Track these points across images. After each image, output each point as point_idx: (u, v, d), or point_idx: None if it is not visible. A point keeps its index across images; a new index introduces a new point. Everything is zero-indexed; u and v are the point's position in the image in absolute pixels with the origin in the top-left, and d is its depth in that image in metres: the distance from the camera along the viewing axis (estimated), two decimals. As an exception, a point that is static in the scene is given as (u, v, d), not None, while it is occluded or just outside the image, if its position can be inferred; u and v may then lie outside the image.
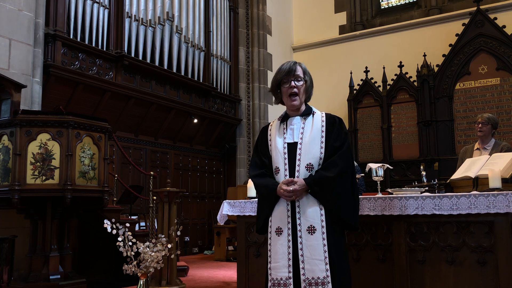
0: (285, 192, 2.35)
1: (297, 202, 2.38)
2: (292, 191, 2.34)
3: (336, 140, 2.44)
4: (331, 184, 2.35)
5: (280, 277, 2.35)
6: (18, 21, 5.37)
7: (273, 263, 2.39)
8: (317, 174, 2.38)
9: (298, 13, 11.70)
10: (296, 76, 2.48)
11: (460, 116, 8.96)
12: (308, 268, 2.30)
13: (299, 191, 2.35)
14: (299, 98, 2.49)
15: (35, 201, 4.45)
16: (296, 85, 2.47)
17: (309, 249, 2.31)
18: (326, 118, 2.51)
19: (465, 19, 9.16)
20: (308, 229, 2.33)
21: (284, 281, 2.33)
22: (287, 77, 2.48)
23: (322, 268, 2.28)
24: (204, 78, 8.96)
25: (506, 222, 2.69)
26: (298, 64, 2.52)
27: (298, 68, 2.50)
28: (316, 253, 2.30)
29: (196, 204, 9.47)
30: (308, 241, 2.32)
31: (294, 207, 2.39)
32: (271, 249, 2.43)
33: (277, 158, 2.49)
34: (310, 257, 2.30)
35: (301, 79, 2.49)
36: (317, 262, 2.29)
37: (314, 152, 2.41)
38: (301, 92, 2.49)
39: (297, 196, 2.36)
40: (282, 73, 2.50)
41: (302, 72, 2.51)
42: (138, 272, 3.96)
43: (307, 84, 2.52)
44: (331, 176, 2.34)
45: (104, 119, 4.91)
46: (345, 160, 2.40)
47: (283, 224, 2.40)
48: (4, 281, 4.05)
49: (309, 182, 2.35)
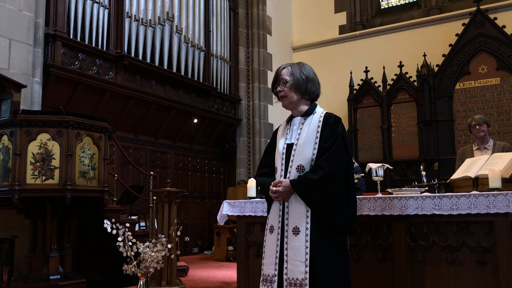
0: (271, 193, 2.41)
1: (286, 203, 2.41)
2: (275, 192, 2.39)
3: (327, 140, 2.40)
4: (315, 186, 2.32)
5: (268, 273, 2.42)
6: (18, 21, 5.37)
7: (264, 259, 2.47)
8: (302, 176, 2.37)
9: (298, 13, 11.70)
10: (281, 80, 2.52)
11: (460, 116, 8.96)
12: (290, 268, 2.33)
13: (283, 192, 2.38)
14: (288, 99, 2.51)
15: (35, 201, 4.44)
16: (281, 89, 2.51)
17: (292, 249, 2.34)
18: (323, 118, 2.48)
19: (465, 19, 9.16)
20: (293, 230, 2.36)
21: (271, 277, 2.40)
22: (276, 82, 2.55)
23: (302, 270, 2.29)
24: (204, 78, 8.96)
25: (506, 222, 2.69)
26: (285, 67, 2.54)
27: (284, 71, 2.52)
28: (298, 254, 2.32)
29: (196, 204, 9.47)
30: (292, 242, 2.35)
31: (284, 207, 2.42)
32: (265, 245, 2.50)
33: (276, 159, 2.53)
34: (292, 257, 2.33)
35: (285, 81, 2.50)
36: (298, 263, 2.31)
37: (306, 154, 2.41)
38: (288, 93, 2.49)
39: (283, 196, 2.39)
40: (274, 77, 2.58)
41: (288, 74, 2.51)
42: (138, 272, 3.96)
43: (292, 83, 2.48)
44: (315, 179, 2.31)
45: (104, 119, 4.90)
46: (332, 162, 2.33)
47: (275, 223, 2.45)
48: (4, 281, 4.04)
49: (293, 184, 2.36)
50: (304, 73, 2.51)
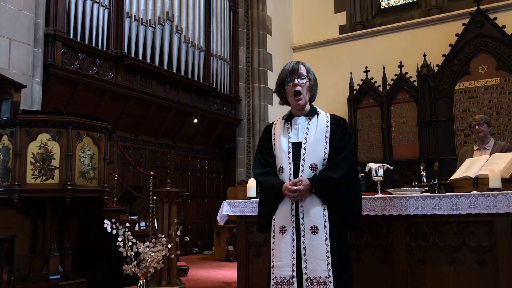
0: (290, 192, 2.37)
1: (301, 202, 2.39)
2: (296, 191, 2.36)
3: (340, 140, 2.45)
4: (335, 185, 2.36)
5: (283, 275, 2.37)
6: (18, 21, 5.37)
7: (276, 261, 2.41)
8: (321, 174, 2.39)
9: (298, 13, 11.70)
10: (299, 74, 2.49)
11: (460, 116, 8.96)
12: (311, 268, 2.31)
13: (303, 191, 2.36)
14: (304, 97, 2.50)
15: (35, 201, 4.44)
16: (300, 83, 2.48)
17: (312, 248, 2.32)
18: (331, 119, 2.53)
19: (465, 19, 9.16)
20: (311, 229, 2.35)
21: (288, 279, 2.35)
22: (291, 76, 2.50)
23: (324, 268, 2.29)
24: (204, 78, 8.96)
25: (506, 222, 2.69)
26: (301, 63, 2.54)
27: (301, 67, 2.52)
28: (318, 253, 2.31)
29: (196, 204, 9.46)
30: (311, 241, 2.33)
31: (298, 207, 2.40)
32: (274, 247, 2.43)
33: (281, 158, 2.49)
34: (313, 256, 2.32)
35: (304, 77, 2.50)
36: (319, 261, 2.30)
37: (318, 152, 2.42)
38: (305, 90, 2.50)
39: (302, 196, 2.37)
40: (285, 72, 2.52)
41: (306, 71, 2.51)
42: (138, 272, 3.96)
43: (310, 83, 2.52)
44: (335, 177, 2.36)
45: (104, 119, 4.90)
46: (349, 162, 2.41)
47: (287, 223, 2.41)
48: (4, 281, 4.04)
49: (313, 182, 2.36)
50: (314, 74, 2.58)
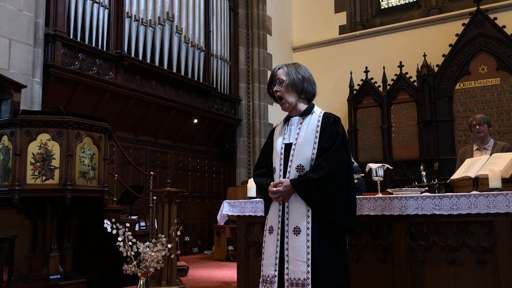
0: (270, 193, 2.40)
1: (286, 203, 2.40)
2: (275, 192, 2.38)
3: (327, 140, 2.39)
4: (316, 186, 2.31)
5: (268, 274, 2.41)
6: (18, 21, 5.37)
7: (264, 260, 2.46)
8: (303, 175, 2.36)
9: (298, 13, 11.70)
10: (277, 80, 2.50)
11: (460, 116, 8.96)
12: (291, 269, 2.32)
13: (283, 192, 2.37)
14: (286, 101, 2.49)
15: (35, 201, 4.44)
16: (278, 89, 2.49)
17: (293, 250, 2.33)
18: (322, 117, 2.47)
19: (465, 19, 9.16)
20: (294, 230, 2.35)
21: (271, 278, 2.39)
22: (272, 84, 2.54)
23: (304, 270, 2.29)
24: (204, 78, 8.96)
25: (506, 222, 2.69)
26: (282, 67, 2.53)
27: (280, 71, 2.51)
28: (299, 254, 2.31)
29: (196, 204, 9.46)
30: (293, 242, 2.34)
31: (284, 208, 2.41)
32: (264, 246, 2.49)
33: (274, 159, 2.52)
34: (294, 257, 2.32)
35: (282, 81, 2.49)
36: (299, 263, 2.30)
37: (305, 153, 2.40)
38: (285, 93, 2.48)
39: (283, 196, 2.38)
40: (269, 81, 2.57)
41: (285, 74, 2.49)
42: (138, 272, 3.96)
43: (288, 82, 2.47)
44: (315, 178, 2.31)
45: (104, 119, 4.90)
46: (332, 162, 2.33)
47: (274, 223, 2.44)
48: (4, 281, 4.04)
49: (294, 183, 2.36)
50: (300, 72, 2.50)
